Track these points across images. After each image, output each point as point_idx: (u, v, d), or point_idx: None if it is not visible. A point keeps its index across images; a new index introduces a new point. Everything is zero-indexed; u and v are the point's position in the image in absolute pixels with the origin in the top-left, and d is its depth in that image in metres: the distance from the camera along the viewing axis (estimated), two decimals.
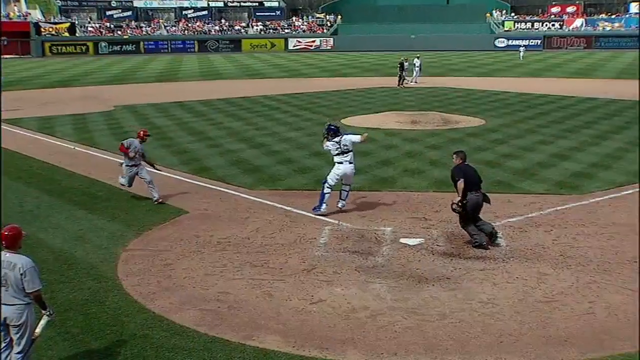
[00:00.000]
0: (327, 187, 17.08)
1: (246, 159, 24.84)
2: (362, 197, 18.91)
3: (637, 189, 19.83)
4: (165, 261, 14.16)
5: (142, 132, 19.28)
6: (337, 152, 17.15)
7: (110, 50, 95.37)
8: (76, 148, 27.41)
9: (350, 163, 17.23)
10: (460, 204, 14.83)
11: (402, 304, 11.94)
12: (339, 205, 17.45)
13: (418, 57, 55.17)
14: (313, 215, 17.30)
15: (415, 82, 52.84)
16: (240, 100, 43.86)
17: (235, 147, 27.41)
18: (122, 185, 19.29)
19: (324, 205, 17.01)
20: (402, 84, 51.27)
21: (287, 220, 17.11)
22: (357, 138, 17.27)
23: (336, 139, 17.10)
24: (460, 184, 14.84)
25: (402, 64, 51.94)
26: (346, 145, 16.97)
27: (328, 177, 17.22)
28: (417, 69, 53.72)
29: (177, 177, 22.02)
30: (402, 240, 15.42)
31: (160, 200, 18.52)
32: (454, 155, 15.77)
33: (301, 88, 49.94)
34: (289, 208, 18.08)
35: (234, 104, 41.90)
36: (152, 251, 14.76)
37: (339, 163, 17.20)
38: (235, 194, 19.64)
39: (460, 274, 13.38)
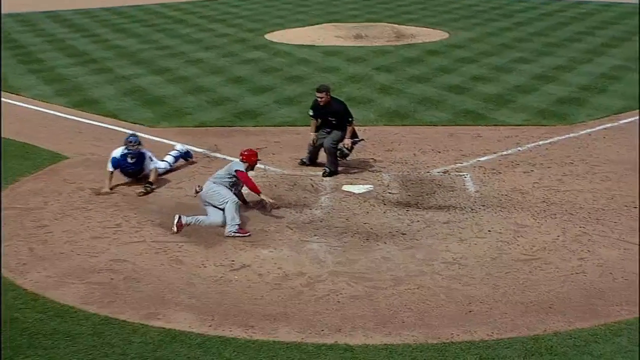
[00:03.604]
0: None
1: (144, 88, 24.42)
2: (294, 134, 18.87)
3: (636, 117, 20.41)
4: (40, 222, 13.91)
5: None
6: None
7: None
8: None
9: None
10: (352, 146, 16.14)
11: (347, 268, 12.05)
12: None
13: None
14: (233, 159, 17.19)
15: None
16: (132, 9, 42.91)
17: (129, 72, 26.89)
18: None
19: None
20: None
21: (198, 165, 16.99)
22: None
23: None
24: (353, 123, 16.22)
25: None
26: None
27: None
28: None
29: (52, 112, 21.52)
30: (346, 188, 15.50)
31: None
32: (325, 93, 16.18)
33: None
34: (200, 150, 17.93)
35: (124, 15, 40.93)
36: (20, 210, 14.46)
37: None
38: (131, 133, 19.26)
39: (418, 228, 13.56)
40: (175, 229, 13.32)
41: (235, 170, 13.88)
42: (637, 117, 20.39)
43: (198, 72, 26.76)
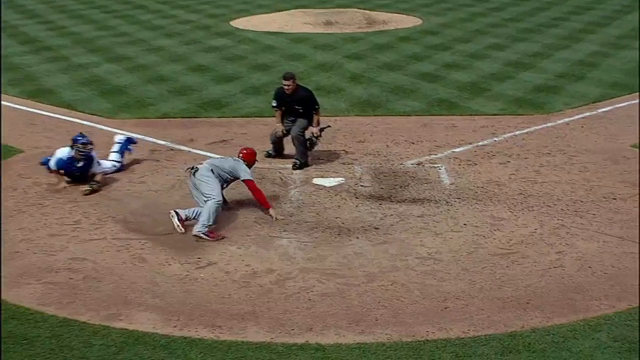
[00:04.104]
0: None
1: (102, 77, 24.26)
2: (261, 125, 18.84)
3: (615, 106, 20.64)
4: None
5: None
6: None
7: None
8: None
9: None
10: (320, 134, 16.31)
11: (318, 264, 12.09)
12: None
13: None
14: (197, 151, 17.16)
15: None
16: None
17: (86, 60, 26.71)
18: None
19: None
20: None
21: (161, 158, 16.93)
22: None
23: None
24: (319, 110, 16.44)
25: None
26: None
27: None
28: None
29: (4, 102, 21.24)
30: (316, 181, 15.55)
31: None
32: (292, 80, 16.23)
33: None
34: (163, 142, 17.88)
35: (81, 1, 40.61)
36: None
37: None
38: (89, 125, 19.17)
39: (392, 222, 13.62)
40: (181, 229, 13.05)
41: (244, 180, 13.70)
42: (615, 106, 20.71)
43: (159, 60, 26.62)
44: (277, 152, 16.78)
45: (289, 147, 16.56)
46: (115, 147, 16.35)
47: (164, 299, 11.09)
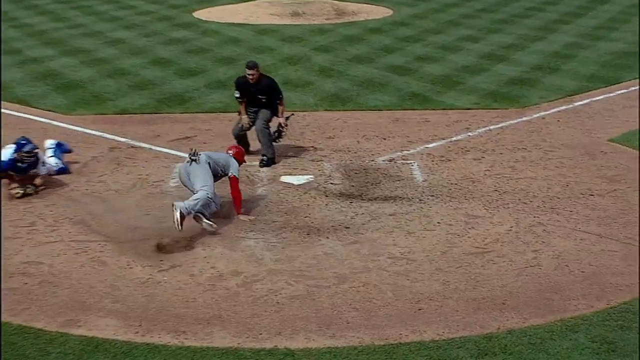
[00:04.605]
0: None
1: (58, 72, 24.09)
2: (226, 121, 18.78)
3: (592, 99, 20.86)
4: None
5: None
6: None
7: None
8: None
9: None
10: (287, 123, 16.43)
11: (287, 266, 12.09)
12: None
13: None
14: (159, 149, 17.10)
15: None
16: None
17: (40, 53, 26.49)
18: None
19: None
20: None
21: (121, 156, 16.83)
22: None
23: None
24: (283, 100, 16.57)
25: None
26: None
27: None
28: None
29: None
30: (284, 179, 15.55)
31: None
32: (256, 69, 16.27)
33: None
34: (123, 139, 17.78)
35: None
36: None
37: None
38: (44, 122, 19.05)
39: (363, 221, 13.66)
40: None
41: (231, 174, 13.65)
42: (592, 99, 20.96)
43: (117, 54, 26.48)
44: (244, 147, 16.75)
45: (255, 144, 16.53)
46: (50, 153, 15.95)
47: (125, 303, 11.03)
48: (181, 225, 12.63)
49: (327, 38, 28.64)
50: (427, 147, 17.25)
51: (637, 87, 21.84)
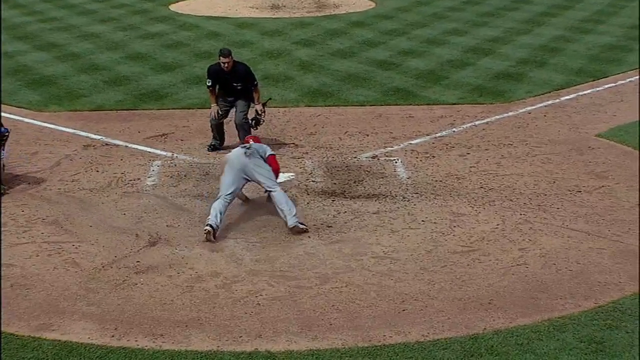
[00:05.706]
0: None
1: (30, 67, 23.99)
2: (205, 117, 18.73)
3: (579, 93, 20.93)
4: None
5: None
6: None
7: None
8: None
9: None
10: (264, 109, 16.54)
11: (267, 266, 12.07)
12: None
13: None
14: (135, 146, 17.04)
15: None
16: None
17: (11, 48, 26.33)
18: None
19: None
20: None
21: (95, 154, 16.76)
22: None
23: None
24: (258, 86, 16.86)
25: None
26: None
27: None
28: None
29: None
30: None
31: None
32: (230, 57, 16.48)
33: None
34: (97, 136, 17.72)
35: None
36: None
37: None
38: (16, 119, 18.90)
39: (345, 219, 13.66)
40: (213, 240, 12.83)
41: (270, 154, 13.83)
42: (579, 94, 21.04)
43: (92, 48, 26.39)
44: (220, 139, 16.75)
45: (231, 138, 16.50)
46: None
47: (100, 306, 10.99)
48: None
49: (308, 32, 28.63)
50: (411, 144, 17.27)
51: (625, 81, 21.96)
